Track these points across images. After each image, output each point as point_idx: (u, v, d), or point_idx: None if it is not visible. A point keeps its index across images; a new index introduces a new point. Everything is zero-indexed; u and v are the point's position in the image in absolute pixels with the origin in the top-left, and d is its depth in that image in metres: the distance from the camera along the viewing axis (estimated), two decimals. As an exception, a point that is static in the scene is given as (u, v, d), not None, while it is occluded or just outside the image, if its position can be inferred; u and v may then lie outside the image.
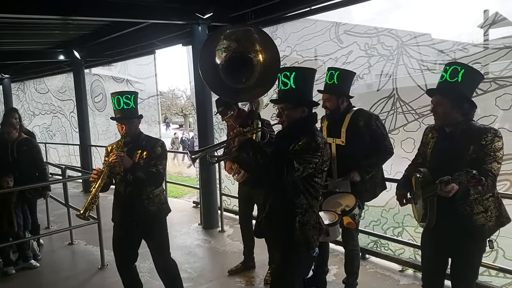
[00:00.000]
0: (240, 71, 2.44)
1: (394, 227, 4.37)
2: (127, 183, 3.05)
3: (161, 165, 3.09)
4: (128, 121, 3.06)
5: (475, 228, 2.36)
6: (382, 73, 4.32)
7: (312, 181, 2.39)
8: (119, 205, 3.18)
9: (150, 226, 3.14)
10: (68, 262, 4.97)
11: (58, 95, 10.95)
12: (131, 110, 3.07)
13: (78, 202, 6.95)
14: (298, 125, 2.43)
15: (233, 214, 6.27)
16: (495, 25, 3.57)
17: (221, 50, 2.44)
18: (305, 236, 2.40)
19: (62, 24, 6.61)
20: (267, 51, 2.44)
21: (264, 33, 2.49)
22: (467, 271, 2.49)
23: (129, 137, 3.10)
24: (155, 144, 3.13)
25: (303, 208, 2.39)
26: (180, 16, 5.56)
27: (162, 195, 3.23)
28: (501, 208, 2.45)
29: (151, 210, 3.11)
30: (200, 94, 5.86)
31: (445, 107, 2.37)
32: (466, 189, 2.18)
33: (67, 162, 10.64)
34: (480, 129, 2.34)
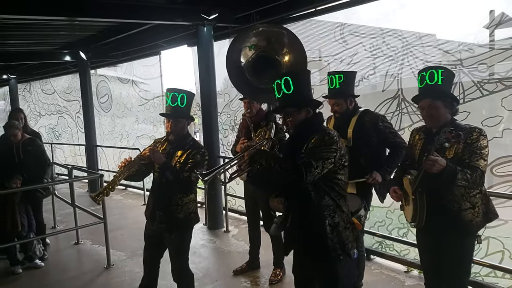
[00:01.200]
0: (265, 71, 2.45)
1: (399, 227, 4.36)
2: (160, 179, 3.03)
3: (195, 174, 2.97)
4: (175, 119, 3.02)
5: (464, 223, 2.42)
6: (387, 74, 4.32)
7: (335, 178, 2.27)
8: (153, 196, 3.16)
9: (174, 232, 3.09)
10: (74, 262, 5.01)
11: (64, 96, 11.02)
12: (183, 109, 3.02)
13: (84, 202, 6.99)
14: (305, 125, 2.35)
15: (238, 214, 6.28)
16: (501, 25, 3.56)
17: (249, 47, 2.44)
18: (339, 239, 2.25)
19: (68, 25, 6.65)
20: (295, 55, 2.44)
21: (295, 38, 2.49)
22: (458, 268, 2.52)
23: (173, 136, 3.07)
24: (197, 150, 3.05)
25: (330, 210, 2.25)
26: (185, 17, 5.58)
27: (192, 204, 3.14)
28: (489, 205, 2.51)
29: (179, 218, 3.06)
30: (205, 94, 5.88)
31: (439, 108, 2.45)
32: (453, 171, 2.26)
33: (73, 162, 10.71)
34: (465, 128, 2.42)
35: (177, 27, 6.21)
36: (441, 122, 2.48)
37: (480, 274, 3.58)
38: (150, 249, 3.24)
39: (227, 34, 5.97)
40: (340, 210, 2.29)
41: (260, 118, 3.77)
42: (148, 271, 3.31)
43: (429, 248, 2.64)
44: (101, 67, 9.38)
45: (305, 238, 2.32)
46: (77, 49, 8.21)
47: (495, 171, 3.51)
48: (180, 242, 3.16)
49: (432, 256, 2.64)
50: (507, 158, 3.48)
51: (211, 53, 5.80)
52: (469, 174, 2.30)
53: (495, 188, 3.52)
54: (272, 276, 4.05)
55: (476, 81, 3.62)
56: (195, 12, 5.50)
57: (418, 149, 2.62)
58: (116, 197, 8.20)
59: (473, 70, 3.59)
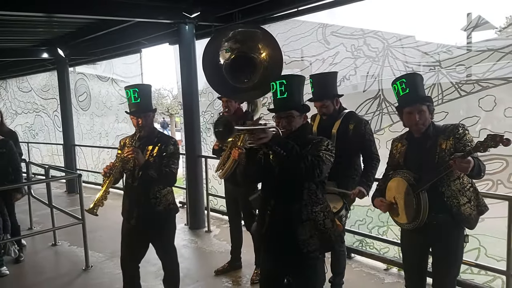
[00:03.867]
0: (242, 71, 2.44)
1: (379, 226, 4.42)
2: (134, 179, 3.04)
3: (173, 165, 3.03)
4: (145, 114, 3.02)
5: (464, 218, 2.45)
6: (368, 74, 4.37)
7: (323, 182, 2.41)
8: (128, 196, 3.15)
9: (156, 226, 3.09)
10: (52, 264, 4.89)
11: (41, 94, 10.77)
12: (147, 102, 3.03)
13: (61, 202, 6.86)
14: (303, 131, 2.42)
15: (219, 214, 6.26)
16: (478, 28, 3.65)
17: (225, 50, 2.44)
18: (338, 232, 2.43)
19: (46, 21, 6.51)
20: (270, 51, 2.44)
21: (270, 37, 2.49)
22: (451, 265, 2.54)
23: (145, 131, 3.05)
24: (168, 142, 3.07)
25: (326, 205, 2.40)
26: (167, 15, 5.53)
27: (170, 195, 3.18)
28: (479, 197, 2.56)
29: (158, 210, 3.07)
30: (187, 93, 5.83)
31: (425, 112, 2.49)
32: (478, 165, 2.31)
33: (50, 161, 10.48)
34: (447, 127, 2.50)
35: (159, 25, 6.14)
36: (426, 126, 2.51)
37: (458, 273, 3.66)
38: (130, 248, 3.20)
39: (210, 33, 5.94)
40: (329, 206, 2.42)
41: (238, 117, 3.77)
42: (128, 272, 3.27)
43: (418, 247, 2.64)
44: (79, 65, 9.21)
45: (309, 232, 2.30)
46: (55, 46, 8.02)
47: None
48: (165, 233, 3.17)
49: (420, 255, 2.65)
50: (484, 158, 3.55)
51: (193, 52, 5.76)
52: (482, 165, 2.37)
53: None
54: (253, 275, 4.05)
55: (454, 82, 3.70)
56: (176, 10, 5.45)
57: (402, 155, 2.64)
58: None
59: (451, 71, 3.67)
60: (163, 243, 3.19)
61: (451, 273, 2.56)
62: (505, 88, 3.45)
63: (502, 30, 3.69)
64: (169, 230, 3.22)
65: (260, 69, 2.43)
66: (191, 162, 5.91)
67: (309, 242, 2.30)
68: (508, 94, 3.48)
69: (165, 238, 3.20)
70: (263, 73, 2.43)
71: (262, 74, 2.44)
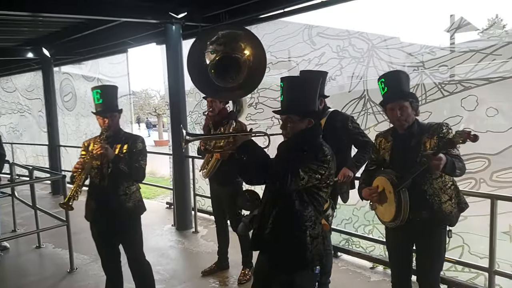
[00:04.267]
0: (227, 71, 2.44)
1: (365, 225, 4.46)
2: (103, 177, 3.02)
3: (143, 161, 3.10)
4: (111, 114, 3.05)
5: (445, 215, 2.50)
6: (354, 75, 4.41)
7: (317, 194, 2.23)
8: (94, 198, 3.12)
9: (126, 223, 3.10)
10: (36, 266, 4.82)
11: (25, 94, 10.61)
12: (113, 103, 3.08)
13: (46, 204, 6.77)
14: (303, 136, 2.27)
15: (207, 215, 6.24)
16: (460, 29, 3.72)
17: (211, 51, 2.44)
18: (318, 251, 2.23)
19: (31, 21, 6.41)
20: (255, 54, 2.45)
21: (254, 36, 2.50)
22: (435, 261, 2.59)
23: (111, 131, 3.06)
24: (136, 139, 3.12)
25: (312, 221, 2.21)
26: (153, 15, 5.50)
27: (138, 192, 3.21)
28: (460, 195, 2.61)
29: (128, 207, 3.08)
30: (174, 93, 5.80)
31: (408, 108, 2.52)
32: (452, 162, 2.32)
33: (35, 163, 10.31)
34: (432, 125, 2.53)
35: (145, 25, 6.10)
36: (409, 123, 2.54)
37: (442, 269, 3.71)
38: (104, 249, 3.20)
39: (197, 33, 5.92)
40: (319, 222, 2.28)
41: (222, 117, 3.78)
42: (110, 273, 3.26)
43: (402, 244, 2.68)
44: (65, 65, 9.09)
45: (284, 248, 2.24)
46: (40, 46, 7.92)
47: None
48: (133, 231, 3.16)
49: (404, 252, 2.69)
50: (467, 157, 3.62)
51: (180, 52, 5.74)
52: (460, 162, 2.39)
53: (455, 185, 3.66)
54: (241, 276, 4.05)
55: (437, 83, 3.76)
56: (163, 10, 5.42)
57: (388, 151, 2.66)
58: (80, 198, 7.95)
59: (434, 71, 3.73)
60: (131, 241, 3.17)
61: (435, 269, 2.61)
62: (487, 88, 3.52)
63: (484, 32, 3.76)
64: (137, 228, 3.21)
65: (245, 69, 2.43)
66: (178, 162, 5.88)
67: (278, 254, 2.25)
68: (489, 94, 3.55)
69: (132, 236, 3.18)
70: (247, 73, 2.44)
71: (247, 74, 2.44)
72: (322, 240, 2.27)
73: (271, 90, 5.28)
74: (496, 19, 3.65)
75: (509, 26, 3.47)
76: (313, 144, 2.23)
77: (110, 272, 3.28)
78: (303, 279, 2.25)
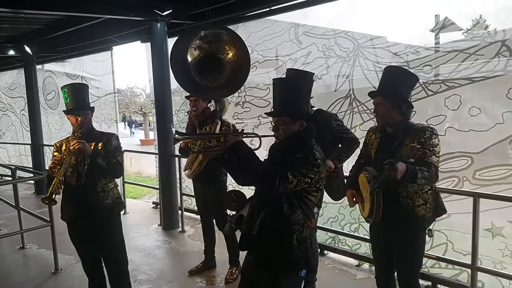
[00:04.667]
0: (210, 71, 2.43)
1: (351, 223, 4.50)
2: (80, 175, 2.99)
3: (119, 157, 3.11)
4: (84, 112, 3.03)
5: (417, 219, 2.55)
6: (340, 74, 4.43)
7: (306, 198, 2.21)
8: (71, 199, 3.08)
9: (105, 220, 3.08)
10: (20, 267, 4.74)
11: (7, 92, 10.40)
12: (84, 101, 3.08)
13: (29, 204, 6.64)
14: (295, 139, 2.25)
15: (194, 214, 6.20)
16: (444, 29, 3.76)
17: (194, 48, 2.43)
18: (305, 255, 2.21)
19: (12, 17, 6.28)
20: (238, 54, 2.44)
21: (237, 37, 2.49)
22: (412, 260, 2.66)
23: (84, 129, 3.05)
24: (110, 137, 3.14)
25: (300, 224, 2.20)
26: (138, 12, 5.44)
27: (116, 189, 3.20)
28: (438, 200, 2.66)
29: (106, 204, 3.07)
30: (160, 92, 5.76)
31: (385, 107, 2.55)
32: (414, 172, 2.37)
33: (18, 162, 10.13)
34: (418, 128, 2.55)
35: (130, 22, 6.01)
36: (388, 121, 2.58)
37: (426, 266, 3.77)
38: (84, 249, 3.17)
39: (182, 31, 5.88)
40: (307, 226, 2.25)
41: (206, 116, 3.76)
42: (93, 274, 3.24)
43: (384, 241, 2.75)
44: (48, 62, 8.91)
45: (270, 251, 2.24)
46: (22, 43, 7.76)
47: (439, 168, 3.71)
48: (112, 229, 3.15)
49: (386, 248, 2.76)
50: (450, 155, 3.69)
51: (165, 50, 5.68)
52: (426, 171, 2.42)
53: (439, 183, 3.70)
54: (228, 275, 4.04)
55: (422, 82, 3.80)
56: (148, 7, 5.36)
57: (375, 147, 2.71)
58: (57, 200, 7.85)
59: (419, 71, 3.76)
60: (109, 237, 3.14)
61: (413, 268, 2.69)
62: (470, 87, 3.57)
63: (467, 32, 3.82)
64: (116, 225, 3.20)
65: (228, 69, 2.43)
66: (164, 161, 5.84)
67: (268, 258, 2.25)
68: (472, 93, 3.60)
69: (111, 232, 3.16)
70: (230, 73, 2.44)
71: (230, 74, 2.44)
72: (310, 244, 2.26)
73: (258, 89, 5.27)
74: (480, 19, 3.70)
75: (491, 27, 3.53)
76: (304, 147, 2.21)
77: (92, 273, 3.25)
78: (288, 281, 2.26)
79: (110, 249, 3.17)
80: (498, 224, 3.46)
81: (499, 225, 3.45)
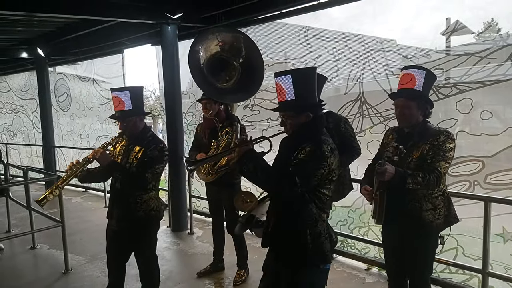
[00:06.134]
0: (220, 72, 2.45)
1: (360, 226, 4.47)
2: (116, 179, 3.06)
3: (150, 169, 2.94)
4: (123, 120, 3.01)
5: (424, 224, 2.50)
6: (350, 77, 4.43)
7: (318, 192, 2.18)
8: (112, 199, 3.16)
9: (136, 231, 3.06)
10: (30, 267, 4.79)
11: (20, 94, 10.55)
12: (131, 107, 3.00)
13: (41, 204, 6.71)
14: (303, 131, 2.22)
15: (202, 216, 6.23)
16: (456, 32, 3.74)
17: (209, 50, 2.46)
18: (319, 248, 2.20)
19: (26, 20, 6.38)
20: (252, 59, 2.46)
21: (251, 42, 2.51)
22: (420, 265, 2.61)
23: (126, 135, 3.06)
24: (156, 145, 3.02)
25: (313, 219, 2.18)
26: (149, 16, 5.49)
27: (152, 201, 3.08)
28: (450, 208, 2.59)
29: (138, 216, 3.02)
30: (169, 95, 5.79)
31: (412, 109, 2.50)
32: (403, 176, 2.35)
33: (29, 163, 10.26)
34: (435, 131, 2.50)
35: (141, 25, 6.08)
36: (412, 123, 2.54)
37: (436, 271, 3.73)
38: (112, 249, 3.18)
39: (193, 34, 5.92)
40: (322, 220, 2.24)
41: (222, 119, 3.77)
42: (112, 273, 3.25)
43: (394, 245, 2.71)
44: (60, 65, 9.04)
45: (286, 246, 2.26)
46: (35, 46, 7.87)
47: (450, 171, 3.68)
48: (143, 241, 3.12)
49: (396, 253, 2.72)
50: (461, 159, 3.66)
51: (176, 53, 5.73)
52: (421, 177, 2.36)
53: (450, 187, 3.68)
54: (236, 277, 4.04)
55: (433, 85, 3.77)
56: (159, 10, 5.42)
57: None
58: (76, 199, 7.93)
59: (430, 74, 3.73)
60: (142, 249, 3.15)
61: (423, 273, 2.64)
62: (481, 91, 3.54)
63: (479, 35, 3.79)
64: (149, 237, 3.16)
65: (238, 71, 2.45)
66: (174, 163, 5.86)
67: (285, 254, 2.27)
68: (484, 97, 3.58)
69: (144, 244, 3.14)
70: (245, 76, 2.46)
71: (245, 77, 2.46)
72: (328, 238, 2.24)
73: (267, 92, 5.28)
74: (491, 22, 3.67)
75: (504, 30, 3.50)
76: (312, 139, 2.16)
77: (112, 272, 3.25)
78: (310, 276, 2.24)
79: (140, 260, 3.17)
80: (510, 229, 3.42)
81: (510, 230, 3.41)
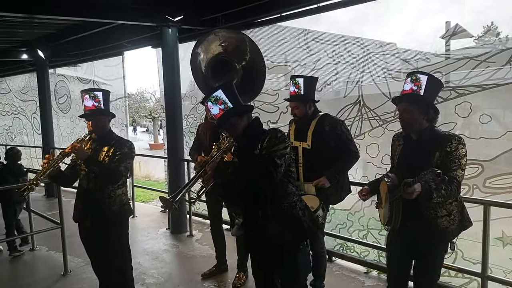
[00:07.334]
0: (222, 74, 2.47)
1: (360, 229, 4.47)
2: (89, 180, 3.06)
3: (123, 164, 3.03)
4: (94, 118, 3.06)
5: (439, 230, 2.46)
6: (349, 80, 4.43)
7: (289, 171, 2.39)
8: (81, 201, 3.16)
9: (110, 226, 3.09)
10: (29, 269, 4.78)
11: (20, 96, 10.56)
12: (98, 107, 3.07)
13: (40, 206, 6.73)
14: (252, 128, 2.44)
15: (202, 219, 6.23)
16: (455, 36, 3.74)
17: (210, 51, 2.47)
18: (311, 218, 2.44)
19: (26, 22, 6.39)
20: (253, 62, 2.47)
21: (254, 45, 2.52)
22: (430, 271, 2.58)
23: (96, 134, 3.09)
24: (124, 144, 3.12)
25: (296, 195, 2.41)
26: (150, 18, 5.51)
27: (124, 196, 3.19)
28: (464, 212, 2.56)
29: (112, 210, 3.08)
30: (170, 97, 5.80)
31: (413, 114, 2.46)
32: (429, 192, 2.27)
33: (29, 165, 10.23)
34: (445, 136, 2.44)
35: (141, 27, 6.09)
36: (415, 127, 2.50)
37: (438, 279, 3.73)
38: (91, 252, 3.21)
39: (193, 36, 5.94)
40: (298, 194, 2.45)
41: None
42: (101, 274, 3.26)
43: (402, 251, 2.67)
44: (60, 67, 9.07)
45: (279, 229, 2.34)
46: (36, 47, 7.89)
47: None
48: (117, 235, 3.15)
49: (404, 258, 2.67)
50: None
51: (176, 55, 5.75)
52: (444, 190, 2.30)
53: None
54: (235, 279, 4.04)
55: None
56: (160, 13, 5.43)
57: (397, 154, 2.66)
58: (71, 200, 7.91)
59: (429, 78, 3.74)
60: (112, 243, 3.14)
61: (430, 279, 2.61)
62: (481, 95, 3.55)
63: (479, 39, 3.80)
64: (120, 231, 3.19)
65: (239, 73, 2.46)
66: (174, 166, 5.87)
67: (279, 236, 2.34)
68: (483, 101, 3.58)
69: (115, 238, 3.14)
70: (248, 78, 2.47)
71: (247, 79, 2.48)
72: (309, 209, 2.48)
73: (267, 95, 5.29)
74: (491, 26, 3.68)
75: (503, 34, 3.51)
76: (263, 131, 2.39)
77: (101, 273, 3.27)
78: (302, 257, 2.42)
79: (113, 257, 3.16)
80: (509, 232, 3.42)
81: (510, 234, 3.41)
